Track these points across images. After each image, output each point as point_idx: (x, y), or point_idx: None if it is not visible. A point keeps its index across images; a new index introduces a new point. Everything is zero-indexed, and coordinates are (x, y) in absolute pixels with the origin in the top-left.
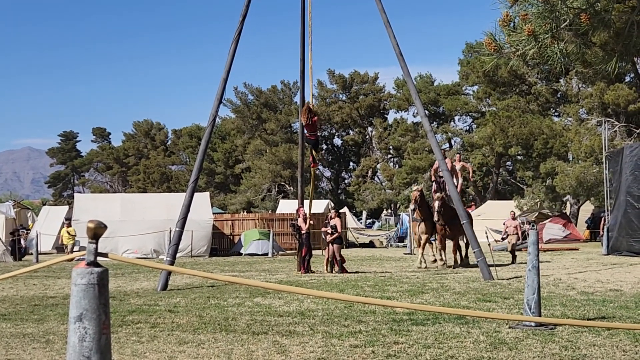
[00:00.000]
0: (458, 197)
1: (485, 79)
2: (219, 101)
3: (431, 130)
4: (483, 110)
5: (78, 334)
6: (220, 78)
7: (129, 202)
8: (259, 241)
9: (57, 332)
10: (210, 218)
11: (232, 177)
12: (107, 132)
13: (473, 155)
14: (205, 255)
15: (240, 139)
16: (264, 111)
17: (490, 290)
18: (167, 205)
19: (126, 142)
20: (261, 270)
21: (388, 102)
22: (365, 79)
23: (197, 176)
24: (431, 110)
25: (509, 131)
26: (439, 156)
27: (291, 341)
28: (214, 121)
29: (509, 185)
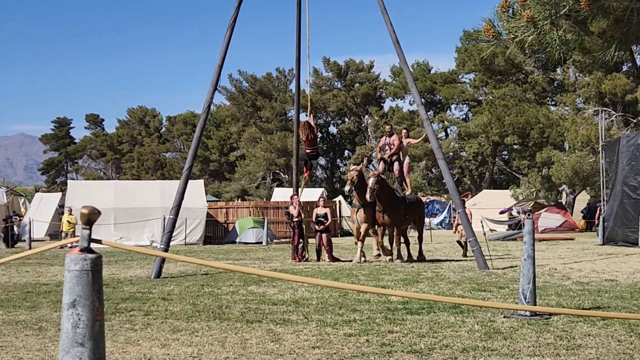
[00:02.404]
0: (453, 185)
1: (482, 67)
2: (214, 88)
3: (427, 118)
4: (479, 99)
5: (71, 320)
6: (216, 65)
7: (123, 190)
8: (253, 229)
9: (50, 319)
10: (205, 206)
11: (227, 164)
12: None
13: (469, 144)
14: (199, 243)
15: (235, 127)
16: (258, 99)
17: (485, 280)
18: (161, 193)
19: (120, 129)
20: (255, 258)
21: (384, 90)
22: (361, 66)
23: (192, 163)
24: (427, 98)
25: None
26: (435, 145)
27: (285, 330)
28: (208, 108)
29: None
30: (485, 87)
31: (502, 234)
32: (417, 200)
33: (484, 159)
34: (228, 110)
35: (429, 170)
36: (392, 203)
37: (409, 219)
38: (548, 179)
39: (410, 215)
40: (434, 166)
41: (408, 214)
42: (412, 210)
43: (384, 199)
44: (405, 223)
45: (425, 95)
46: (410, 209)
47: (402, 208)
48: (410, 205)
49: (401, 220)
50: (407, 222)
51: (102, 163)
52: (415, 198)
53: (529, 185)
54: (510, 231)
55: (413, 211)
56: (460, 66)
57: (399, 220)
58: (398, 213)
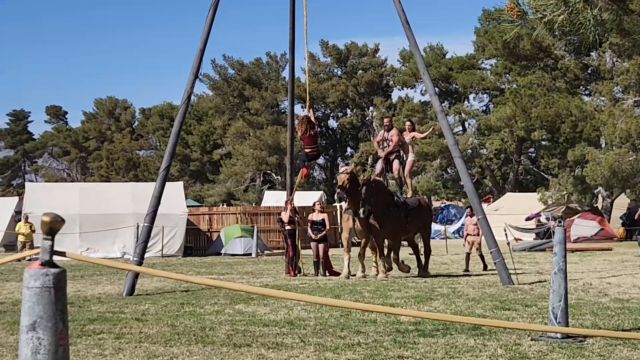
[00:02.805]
0: (472, 187)
1: (504, 51)
2: (195, 76)
3: (442, 110)
4: (502, 88)
5: (31, 345)
6: (197, 49)
7: (90, 193)
8: (241, 239)
9: (5, 343)
10: (185, 212)
11: (210, 164)
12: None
13: (490, 140)
14: (178, 255)
15: (219, 120)
16: (246, 88)
17: (509, 297)
18: (133, 197)
19: (86, 123)
20: (244, 272)
21: (391, 78)
22: (364, 50)
23: (169, 163)
24: (442, 87)
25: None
26: (451, 141)
27: (278, 355)
28: (188, 99)
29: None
30: (508, 74)
31: (528, 244)
32: (420, 205)
33: (507, 157)
34: (211, 101)
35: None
36: (388, 209)
37: (410, 228)
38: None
39: (413, 222)
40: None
41: (409, 222)
42: (415, 216)
43: (379, 204)
44: (406, 232)
45: (439, 83)
46: (412, 215)
47: (401, 215)
48: (412, 211)
49: (400, 230)
50: (409, 231)
51: (66, 162)
52: (418, 202)
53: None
54: (538, 240)
55: (415, 218)
56: (480, 50)
57: (397, 229)
58: (396, 221)
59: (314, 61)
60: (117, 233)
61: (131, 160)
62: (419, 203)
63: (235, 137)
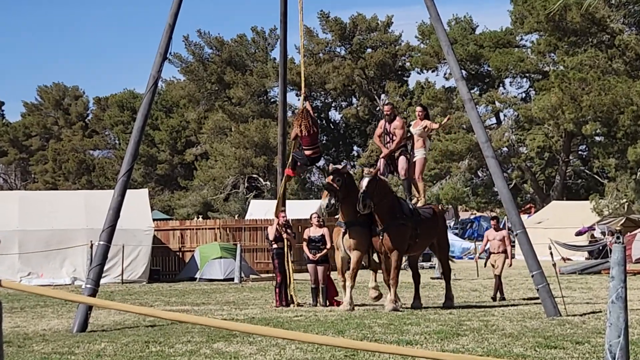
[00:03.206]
0: (509, 194)
1: (549, 25)
2: (163, 57)
3: (470, 99)
4: (545, 70)
5: None
6: (165, 24)
7: (32, 204)
8: (220, 260)
9: None
10: (150, 227)
11: (182, 167)
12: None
13: (531, 136)
14: (142, 281)
15: (194, 112)
16: (227, 71)
17: (555, 332)
18: (86, 208)
19: (27, 117)
20: (224, 302)
21: (407, 58)
22: (374, 24)
23: (131, 166)
24: (471, 69)
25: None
26: (483, 137)
27: None
28: (155, 86)
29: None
30: (553, 54)
31: (579, 265)
32: (434, 215)
33: (552, 157)
34: (183, 88)
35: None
36: (395, 218)
37: (420, 243)
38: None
39: (424, 237)
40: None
41: (419, 236)
42: (427, 229)
43: (384, 211)
44: (414, 249)
45: (467, 65)
46: (424, 227)
47: (409, 226)
48: (424, 222)
49: (405, 244)
50: (418, 248)
51: (2, 165)
52: (432, 212)
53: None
54: (592, 261)
55: (428, 231)
56: (518, 23)
57: (404, 243)
58: (403, 233)
59: (312, 38)
60: (66, 254)
61: (84, 162)
62: (433, 213)
63: (213, 133)
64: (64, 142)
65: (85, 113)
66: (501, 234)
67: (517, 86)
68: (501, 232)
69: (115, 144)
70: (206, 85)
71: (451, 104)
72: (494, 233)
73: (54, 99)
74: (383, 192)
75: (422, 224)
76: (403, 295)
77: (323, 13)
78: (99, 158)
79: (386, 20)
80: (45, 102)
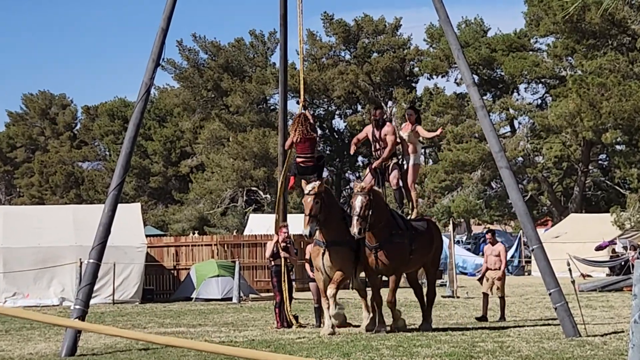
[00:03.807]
0: (524, 207)
1: (566, 27)
2: (156, 63)
3: (483, 106)
4: (562, 75)
5: None
6: (158, 27)
7: (17, 219)
8: (217, 279)
9: None
10: (143, 243)
11: (176, 179)
12: None
13: (547, 144)
14: (135, 301)
15: (189, 121)
16: (224, 78)
17: (575, 353)
18: (75, 224)
19: (12, 127)
20: (222, 323)
21: (416, 63)
22: (381, 27)
23: (123, 179)
24: (483, 74)
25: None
26: (496, 147)
27: None
28: (147, 94)
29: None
30: (571, 57)
31: (600, 282)
32: (429, 229)
33: (570, 167)
34: (177, 96)
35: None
36: (390, 234)
37: (415, 259)
38: None
39: (419, 253)
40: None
41: (415, 251)
42: (423, 245)
43: (377, 227)
44: (409, 266)
45: (479, 69)
46: (419, 242)
47: (405, 242)
48: (420, 237)
49: (403, 262)
50: (413, 265)
51: None
52: (427, 225)
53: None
54: (613, 277)
55: (424, 246)
56: (533, 25)
57: (403, 261)
58: (401, 250)
59: (314, 41)
60: (54, 273)
61: (72, 175)
62: (427, 226)
63: (209, 144)
64: (51, 154)
65: (74, 123)
66: (497, 249)
67: (533, 92)
68: (497, 247)
69: (106, 155)
70: (202, 93)
71: (462, 111)
72: (490, 248)
73: (40, 108)
74: (379, 207)
75: (418, 238)
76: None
77: (327, 15)
78: (88, 170)
79: (394, 22)
80: (30, 111)
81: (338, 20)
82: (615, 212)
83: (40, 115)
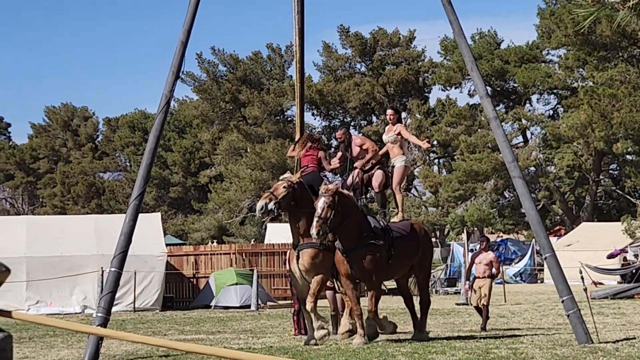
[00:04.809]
0: (537, 216)
1: (577, 39)
2: (175, 76)
3: (496, 117)
4: (574, 86)
5: None
6: (177, 41)
7: (40, 229)
8: (236, 287)
9: None
10: (163, 252)
11: (196, 189)
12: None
13: (559, 154)
14: (155, 309)
15: (208, 133)
16: (242, 90)
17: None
18: (97, 234)
19: (35, 138)
20: (240, 330)
21: (430, 74)
22: (395, 39)
23: (143, 189)
24: (496, 86)
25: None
26: (509, 157)
27: None
28: (167, 106)
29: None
30: (582, 69)
31: (611, 289)
32: (413, 233)
33: (582, 176)
34: (197, 107)
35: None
36: (362, 237)
37: (395, 266)
38: None
39: (400, 258)
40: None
41: (394, 257)
42: (403, 249)
43: (348, 230)
44: (389, 273)
45: (492, 81)
46: (399, 247)
47: (378, 247)
48: (399, 241)
49: (378, 269)
50: (394, 272)
51: (9, 189)
52: (410, 228)
53: None
54: (624, 285)
55: (405, 252)
56: (545, 37)
57: (373, 268)
58: (373, 255)
59: (330, 53)
60: (76, 281)
61: (93, 185)
62: (411, 229)
63: (228, 154)
64: (73, 165)
65: (95, 134)
66: (488, 257)
67: (545, 103)
68: (488, 255)
69: (126, 166)
70: (220, 105)
71: (476, 121)
72: (480, 256)
73: (63, 120)
74: (345, 210)
75: (397, 242)
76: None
77: (343, 28)
78: (110, 181)
79: (408, 35)
80: (53, 123)
81: (354, 33)
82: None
83: (63, 127)
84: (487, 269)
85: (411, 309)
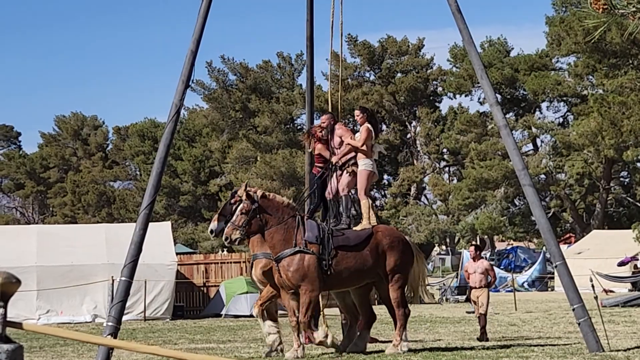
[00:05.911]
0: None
1: (587, 46)
2: (185, 84)
3: (506, 124)
4: (584, 94)
5: None
6: (187, 50)
7: (50, 238)
8: (247, 295)
9: None
10: (174, 261)
11: (206, 198)
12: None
13: (570, 162)
14: (166, 318)
15: (217, 141)
16: (252, 99)
17: None
18: (107, 243)
19: (45, 148)
20: (251, 339)
21: (440, 82)
22: (405, 48)
23: (153, 198)
24: (506, 93)
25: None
26: (519, 164)
27: None
28: (177, 115)
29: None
30: (592, 76)
31: (622, 297)
32: (366, 241)
33: (592, 184)
34: (206, 116)
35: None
36: (289, 244)
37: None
38: None
39: (344, 266)
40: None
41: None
42: (349, 257)
43: (275, 237)
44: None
45: (502, 89)
46: (343, 255)
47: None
48: (345, 249)
49: (311, 279)
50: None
51: (19, 199)
52: (369, 235)
53: None
54: (635, 292)
55: (351, 260)
56: (554, 45)
57: (301, 276)
58: (302, 265)
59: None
60: (87, 290)
61: (104, 194)
62: (367, 238)
63: (238, 163)
64: (83, 174)
65: (105, 143)
66: (482, 266)
67: (555, 111)
68: (482, 264)
69: (136, 175)
70: (230, 113)
71: (486, 129)
72: (473, 265)
73: (73, 129)
74: (269, 216)
75: (341, 250)
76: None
77: (351, 36)
78: (120, 190)
79: (417, 43)
80: (63, 132)
81: (362, 41)
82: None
83: (73, 136)
84: (483, 277)
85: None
